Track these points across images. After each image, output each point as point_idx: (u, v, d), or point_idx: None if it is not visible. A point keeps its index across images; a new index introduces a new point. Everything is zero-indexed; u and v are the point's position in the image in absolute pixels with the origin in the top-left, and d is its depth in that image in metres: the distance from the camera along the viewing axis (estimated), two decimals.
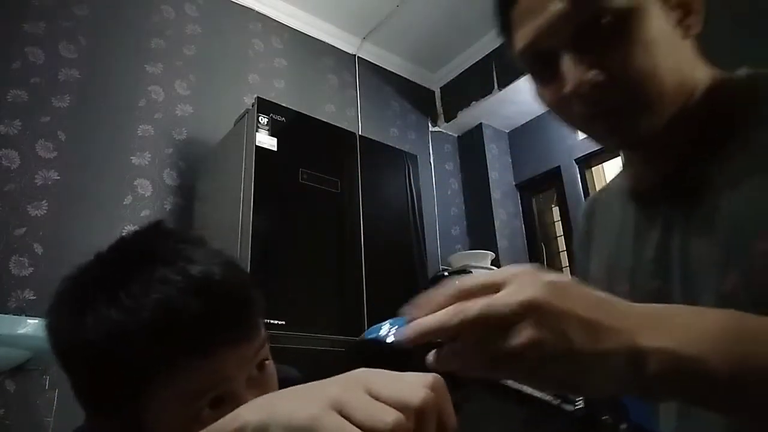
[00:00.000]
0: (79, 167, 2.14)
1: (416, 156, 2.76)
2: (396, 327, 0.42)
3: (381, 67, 3.57)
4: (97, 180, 2.17)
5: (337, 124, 2.59)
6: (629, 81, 0.52)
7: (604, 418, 0.40)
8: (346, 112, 3.24)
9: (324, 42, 3.31)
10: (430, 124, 3.72)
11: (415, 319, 0.37)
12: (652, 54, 0.52)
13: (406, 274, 2.38)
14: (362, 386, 0.31)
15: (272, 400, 0.34)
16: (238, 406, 0.41)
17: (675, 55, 0.54)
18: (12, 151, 2.00)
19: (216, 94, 2.66)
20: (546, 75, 0.56)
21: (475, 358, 0.36)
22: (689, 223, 0.55)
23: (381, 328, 0.43)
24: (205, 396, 0.49)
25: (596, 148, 2.75)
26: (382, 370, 0.32)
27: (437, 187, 3.51)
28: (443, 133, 3.77)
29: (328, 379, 0.33)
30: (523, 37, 0.56)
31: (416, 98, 3.68)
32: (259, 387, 0.53)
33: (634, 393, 0.37)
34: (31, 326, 1.63)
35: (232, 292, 0.52)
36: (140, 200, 2.27)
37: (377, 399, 0.30)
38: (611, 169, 3.22)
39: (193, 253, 0.52)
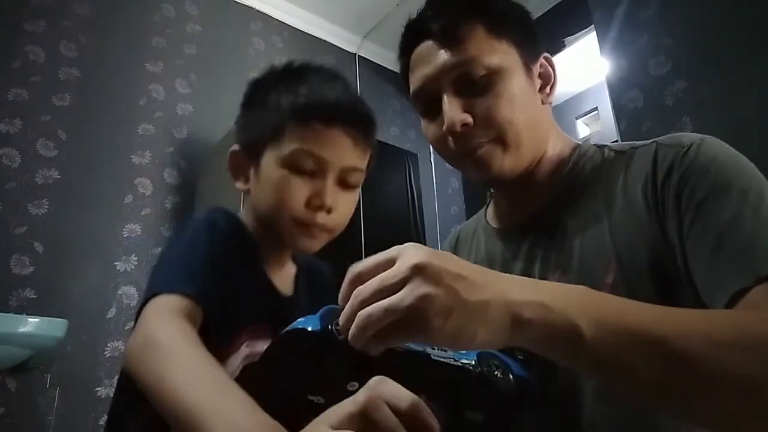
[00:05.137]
0: (80, 166, 2.14)
1: (416, 155, 2.76)
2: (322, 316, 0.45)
3: (381, 66, 3.57)
4: (97, 179, 2.17)
5: None
6: (492, 125, 0.64)
7: (496, 372, 0.47)
8: None
9: (324, 41, 3.31)
10: None
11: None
12: (512, 106, 0.64)
13: None
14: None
15: None
16: (323, 192, 0.66)
17: (532, 113, 0.67)
18: (12, 150, 2.00)
19: (216, 92, 2.66)
20: (431, 114, 0.69)
21: (379, 327, 0.38)
22: (548, 258, 0.66)
23: (310, 319, 0.45)
24: (306, 160, 0.66)
25: None
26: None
27: (438, 186, 3.51)
28: None
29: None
30: (415, 81, 0.69)
31: None
32: (341, 199, 0.69)
33: (517, 343, 0.42)
34: (32, 325, 1.63)
35: (364, 103, 0.74)
36: (141, 199, 2.27)
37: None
38: None
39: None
